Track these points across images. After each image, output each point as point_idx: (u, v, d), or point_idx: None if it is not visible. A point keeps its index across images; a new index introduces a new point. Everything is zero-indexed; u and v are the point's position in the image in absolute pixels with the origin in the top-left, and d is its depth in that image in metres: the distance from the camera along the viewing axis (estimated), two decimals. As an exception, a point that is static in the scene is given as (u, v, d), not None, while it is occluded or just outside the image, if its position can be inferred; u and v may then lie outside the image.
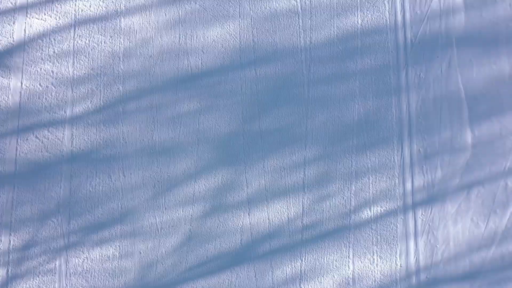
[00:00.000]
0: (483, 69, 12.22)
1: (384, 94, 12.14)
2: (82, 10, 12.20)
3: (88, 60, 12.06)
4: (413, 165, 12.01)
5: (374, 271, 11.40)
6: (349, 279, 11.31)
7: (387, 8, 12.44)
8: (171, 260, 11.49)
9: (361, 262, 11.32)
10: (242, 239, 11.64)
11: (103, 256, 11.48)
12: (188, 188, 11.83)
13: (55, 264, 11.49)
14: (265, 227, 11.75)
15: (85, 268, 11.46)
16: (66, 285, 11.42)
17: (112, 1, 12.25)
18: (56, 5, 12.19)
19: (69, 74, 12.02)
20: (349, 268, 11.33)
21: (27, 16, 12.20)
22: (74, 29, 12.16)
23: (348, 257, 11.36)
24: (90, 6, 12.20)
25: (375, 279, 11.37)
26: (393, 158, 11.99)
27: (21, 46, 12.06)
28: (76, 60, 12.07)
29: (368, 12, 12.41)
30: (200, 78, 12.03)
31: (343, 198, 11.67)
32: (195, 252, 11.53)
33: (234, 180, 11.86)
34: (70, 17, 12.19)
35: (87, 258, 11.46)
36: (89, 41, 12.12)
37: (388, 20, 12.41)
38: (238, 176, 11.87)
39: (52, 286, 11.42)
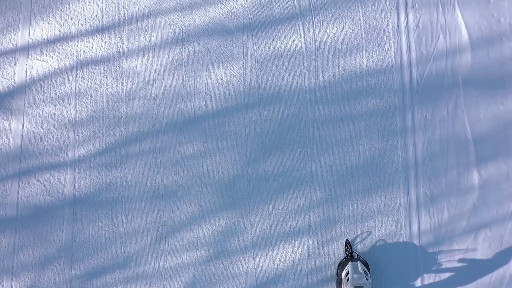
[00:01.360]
0: (490, 110, 13.39)
1: (390, 136, 13.28)
2: (84, 52, 13.39)
3: (90, 102, 13.20)
4: (419, 207, 13.14)
5: (381, 316, 12.59)
6: (355, 324, 12.24)
7: (392, 48, 13.57)
8: (175, 305, 12.59)
9: (367, 306, 12.30)
10: (247, 283, 12.81)
11: (106, 301, 12.58)
12: (192, 232, 12.91)
13: (58, 310, 12.56)
14: (270, 271, 12.85)
15: (88, 313, 12.54)
16: (69, 331, 12.41)
17: (114, 42, 13.41)
18: (58, 46, 13.41)
19: (71, 117, 13.17)
20: (355, 313, 12.28)
21: (28, 57, 13.38)
22: (76, 71, 13.36)
23: (354, 301, 12.30)
24: (92, 47, 13.35)
25: (381, 324, 12.52)
26: (399, 200, 13.14)
27: (23, 88, 13.28)
28: (78, 102, 13.22)
29: (373, 52, 13.56)
30: (203, 120, 13.20)
31: (349, 241, 12.71)
32: (199, 297, 12.61)
33: (238, 224, 12.96)
34: (72, 59, 13.39)
35: (90, 303, 12.55)
36: (91, 83, 13.28)
37: (393, 60, 13.54)
38: (243, 220, 12.96)
39: (55, 332, 12.46)
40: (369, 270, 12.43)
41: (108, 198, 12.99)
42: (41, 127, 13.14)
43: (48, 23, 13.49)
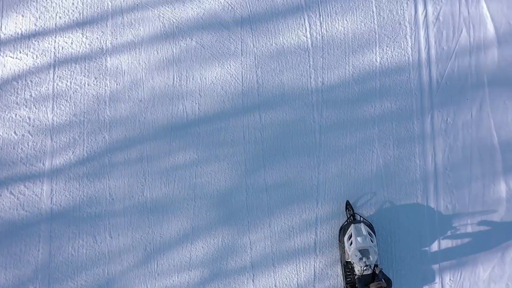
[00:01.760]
0: None
1: (406, 142, 12.77)
2: (62, 48, 12.87)
3: (70, 105, 12.69)
4: (440, 223, 12.54)
5: None
6: None
7: (409, 43, 13.08)
8: (165, 334, 12.24)
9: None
10: (246, 309, 12.36)
11: (87, 329, 12.19)
12: (184, 251, 12.37)
13: None
14: (271, 295, 12.41)
15: None
16: None
17: (97, 38, 12.92)
18: (33, 41, 12.86)
19: (48, 121, 12.62)
20: None
21: (0, 54, 12.81)
22: (54, 70, 12.78)
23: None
24: (71, 43, 12.89)
25: None
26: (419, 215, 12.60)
27: None
28: (56, 105, 12.68)
29: (388, 49, 13.08)
30: (197, 125, 12.71)
31: (361, 261, 12.30)
32: (192, 324, 12.27)
33: (236, 242, 12.42)
34: (49, 56, 12.84)
35: (69, 332, 12.15)
36: (70, 83, 12.75)
37: (410, 57, 13.04)
38: (241, 237, 12.43)
39: None
40: (374, 232, 11.89)
41: (90, 212, 12.40)
42: (15, 132, 12.57)
43: (22, 15, 12.93)
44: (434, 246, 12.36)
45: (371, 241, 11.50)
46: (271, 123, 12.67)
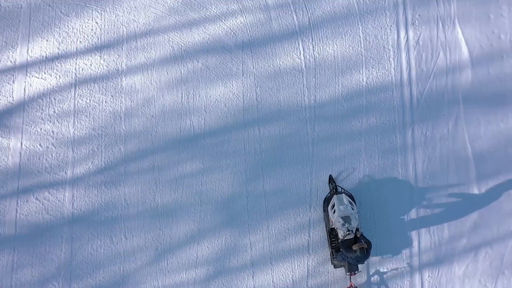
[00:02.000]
0: (491, 127, 13.91)
1: (389, 153, 13.79)
2: (82, 69, 13.92)
3: (89, 120, 13.72)
4: (419, 226, 13.46)
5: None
6: None
7: (392, 65, 14.09)
8: (174, 324, 13.26)
9: (367, 325, 13.24)
10: (247, 302, 13.37)
11: (105, 320, 13.26)
12: (191, 250, 13.39)
13: (57, 329, 13.21)
14: (269, 290, 13.40)
15: (87, 332, 13.20)
16: None
17: (113, 60, 13.93)
18: (57, 63, 13.93)
19: (70, 135, 13.66)
20: (355, 331, 13.18)
21: (27, 75, 13.88)
22: (75, 88, 13.86)
23: (354, 320, 13.23)
24: (91, 64, 13.89)
25: None
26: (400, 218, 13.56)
27: (21, 106, 13.78)
28: (77, 120, 13.71)
29: (373, 69, 14.09)
30: (202, 138, 13.72)
31: (349, 260, 13.13)
32: (199, 316, 13.30)
33: (237, 242, 13.43)
34: (70, 76, 13.89)
35: (89, 322, 13.22)
36: (90, 100, 13.78)
37: (393, 77, 14.05)
38: (242, 238, 13.44)
39: None
40: (354, 202, 12.96)
41: (107, 216, 13.46)
42: (40, 145, 13.58)
43: (47, 40, 13.97)
44: (415, 244, 13.40)
45: (352, 209, 12.62)
46: (269, 136, 13.69)
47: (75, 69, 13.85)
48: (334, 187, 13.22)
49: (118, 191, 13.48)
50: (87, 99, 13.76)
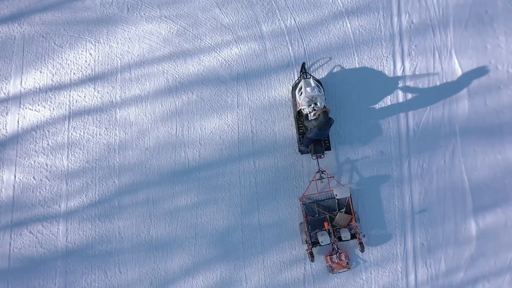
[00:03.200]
0: (488, 159, 14.19)
1: (386, 185, 14.04)
2: (76, 101, 14.20)
3: (83, 152, 13.98)
4: (416, 258, 13.93)
5: None
6: None
7: (388, 96, 14.32)
8: None
9: None
10: (242, 337, 13.74)
11: None
12: (186, 284, 13.68)
13: None
14: (265, 324, 13.81)
15: None
16: None
17: (107, 92, 14.21)
18: (50, 95, 14.21)
19: (64, 167, 13.92)
20: None
21: (20, 106, 14.15)
22: (69, 121, 14.14)
23: None
24: (85, 96, 14.17)
25: None
26: (396, 251, 13.92)
27: (15, 138, 14.06)
28: (71, 153, 13.97)
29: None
30: (197, 170, 13.97)
31: (345, 293, 13.82)
32: None
33: (233, 276, 13.72)
34: (64, 108, 14.18)
35: None
36: (83, 133, 14.06)
37: (390, 108, 14.26)
38: (237, 271, 13.72)
39: None
40: (322, 86, 13.62)
41: (101, 250, 13.75)
42: (33, 177, 13.85)
43: (40, 72, 14.25)
44: (411, 278, 13.71)
45: (319, 91, 13.21)
46: (264, 169, 13.98)
47: (69, 101, 14.12)
48: (303, 73, 13.76)
49: (112, 224, 13.74)
50: (81, 131, 14.02)
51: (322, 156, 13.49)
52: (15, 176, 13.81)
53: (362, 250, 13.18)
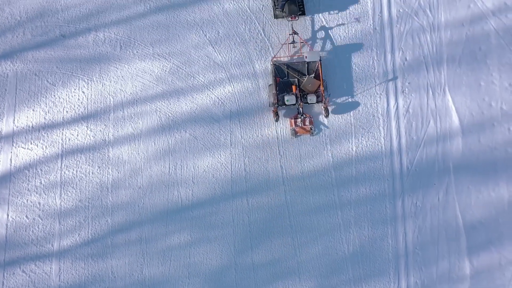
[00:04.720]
0: (482, 197, 14.51)
1: (379, 224, 14.44)
2: (69, 139, 14.55)
3: (76, 191, 14.32)
4: (410, 297, 13.78)
5: None
6: None
7: (382, 134, 14.74)
8: None
9: None
10: None
11: None
12: None
13: None
14: None
15: None
16: None
17: (100, 130, 14.57)
18: (43, 133, 14.58)
19: (57, 206, 14.30)
20: None
21: (13, 145, 14.52)
22: (61, 159, 14.49)
23: None
24: (77, 135, 14.52)
25: None
26: None
27: (7, 177, 14.41)
28: (64, 192, 14.32)
29: (363, 138, 14.75)
30: (190, 209, 14.33)
31: (338, 332, 14.23)
32: None
33: None
34: (57, 147, 14.54)
35: None
36: (76, 171, 14.41)
37: (383, 146, 14.70)
38: None
39: None
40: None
41: None
42: (26, 216, 14.21)
43: (33, 110, 14.61)
44: None
45: None
46: (258, 207, 14.33)
47: (62, 139, 14.46)
48: None
49: (105, 263, 14.07)
50: (73, 170, 14.35)
51: (297, 18, 14.28)
52: (8, 215, 14.11)
53: (327, 115, 13.97)
